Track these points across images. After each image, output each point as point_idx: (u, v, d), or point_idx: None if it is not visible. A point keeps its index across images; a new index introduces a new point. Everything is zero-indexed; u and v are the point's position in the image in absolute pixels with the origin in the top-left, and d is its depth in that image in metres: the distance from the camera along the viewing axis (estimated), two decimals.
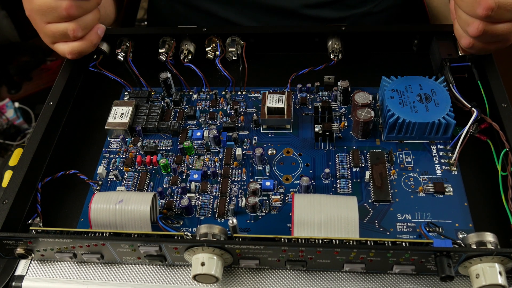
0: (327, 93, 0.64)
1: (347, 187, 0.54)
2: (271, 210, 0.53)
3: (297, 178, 0.55)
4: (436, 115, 0.55)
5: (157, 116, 0.62)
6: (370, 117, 0.56)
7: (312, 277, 0.49)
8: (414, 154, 0.56)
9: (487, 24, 0.52)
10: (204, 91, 0.66)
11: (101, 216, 0.48)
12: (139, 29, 1.00)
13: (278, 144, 0.59)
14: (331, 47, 0.66)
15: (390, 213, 0.52)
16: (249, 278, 0.49)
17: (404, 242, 0.44)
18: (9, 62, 1.84)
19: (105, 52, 0.68)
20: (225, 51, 0.67)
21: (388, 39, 0.67)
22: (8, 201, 0.50)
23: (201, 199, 0.54)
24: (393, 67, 0.67)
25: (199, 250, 0.45)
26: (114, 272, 0.51)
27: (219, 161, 0.58)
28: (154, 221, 0.51)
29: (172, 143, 0.60)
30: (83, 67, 0.68)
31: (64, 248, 0.48)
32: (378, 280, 0.48)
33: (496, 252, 0.42)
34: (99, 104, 0.66)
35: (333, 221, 0.46)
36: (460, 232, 0.49)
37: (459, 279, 0.48)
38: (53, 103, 0.60)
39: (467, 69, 0.61)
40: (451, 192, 0.53)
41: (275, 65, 0.69)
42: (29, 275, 0.51)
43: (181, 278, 0.50)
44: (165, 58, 0.67)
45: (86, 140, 0.62)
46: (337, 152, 0.57)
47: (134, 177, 0.57)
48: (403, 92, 0.57)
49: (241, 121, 0.62)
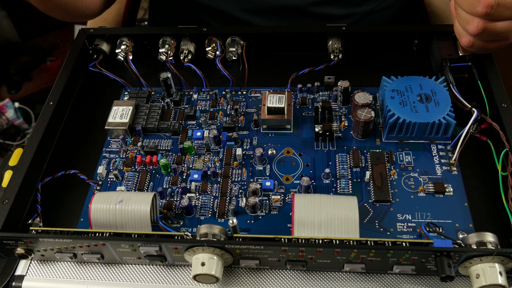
0: (327, 93, 0.64)
1: (347, 187, 0.54)
2: (271, 210, 0.53)
3: (297, 178, 0.55)
4: (436, 115, 0.55)
5: (157, 116, 0.62)
6: (370, 117, 0.56)
7: (312, 277, 0.49)
8: (414, 154, 0.56)
9: (487, 22, 0.52)
10: (204, 91, 0.66)
11: (101, 216, 0.48)
12: (139, 29, 1.00)
13: (278, 144, 0.59)
14: (331, 47, 0.66)
15: (390, 213, 0.52)
16: (249, 278, 0.49)
17: (404, 242, 0.44)
18: (9, 62, 1.84)
19: (105, 52, 0.68)
20: (225, 51, 0.67)
21: (388, 39, 0.67)
22: (8, 201, 0.50)
23: (201, 199, 0.54)
24: (393, 67, 0.67)
25: (199, 250, 0.45)
26: (114, 272, 0.51)
27: (219, 161, 0.58)
28: (154, 221, 0.51)
29: (172, 143, 0.60)
30: (83, 67, 0.68)
31: (64, 248, 0.48)
32: (378, 280, 0.48)
33: (496, 252, 0.42)
34: (99, 104, 0.66)
35: (333, 221, 0.46)
36: (460, 232, 0.49)
37: (459, 279, 0.48)
38: (53, 103, 0.60)
39: (467, 69, 0.61)
40: (451, 192, 0.53)
41: (275, 65, 0.69)
42: (29, 275, 0.51)
43: (181, 278, 0.50)
44: (165, 58, 0.66)
45: (86, 140, 0.62)
46: (337, 152, 0.57)
47: (134, 177, 0.57)
48: (403, 92, 0.57)
49: (241, 121, 0.62)
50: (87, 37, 0.68)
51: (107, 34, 0.69)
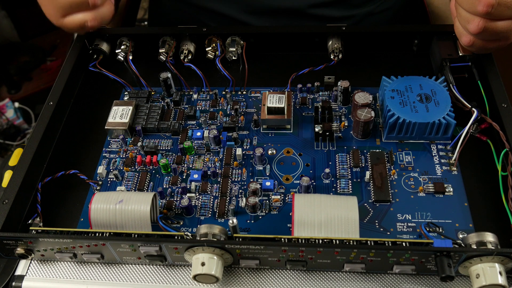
0: (327, 93, 0.64)
1: (347, 187, 0.54)
2: (271, 210, 0.53)
3: (297, 178, 0.55)
4: (436, 115, 0.55)
5: (157, 116, 0.62)
6: (370, 117, 0.56)
7: (312, 277, 0.49)
8: (414, 154, 0.56)
9: (487, 21, 0.52)
10: (204, 91, 0.66)
11: (101, 216, 0.48)
12: (139, 29, 1.00)
13: (278, 144, 0.59)
14: (331, 47, 0.66)
15: (390, 213, 0.52)
16: (249, 278, 0.49)
17: (404, 242, 0.44)
18: (9, 62, 1.84)
19: (105, 52, 0.68)
20: (225, 51, 0.67)
21: (388, 39, 0.67)
22: (8, 201, 0.50)
23: (201, 199, 0.54)
24: (393, 67, 0.67)
25: (199, 250, 0.45)
26: (114, 272, 0.51)
27: (219, 161, 0.58)
28: (154, 221, 0.51)
29: (172, 143, 0.60)
30: (83, 67, 0.68)
31: (64, 248, 0.48)
32: (378, 280, 0.48)
33: (496, 252, 0.42)
34: (99, 104, 0.66)
35: (333, 221, 0.46)
36: (460, 232, 0.49)
37: (459, 279, 0.48)
38: (53, 103, 0.60)
39: (467, 69, 0.61)
40: (451, 192, 0.53)
41: (275, 65, 0.69)
42: (29, 275, 0.51)
43: (181, 278, 0.50)
44: (165, 58, 0.66)
45: (86, 140, 0.62)
46: (337, 152, 0.57)
47: (134, 177, 0.57)
48: (403, 92, 0.57)
49: (241, 121, 0.62)
50: (87, 37, 0.68)
51: (107, 34, 0.69)
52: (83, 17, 0.58)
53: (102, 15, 0.59)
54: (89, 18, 0.58)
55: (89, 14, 0.58)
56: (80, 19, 0.58)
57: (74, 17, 0.58)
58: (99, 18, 0.59)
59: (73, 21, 0.58)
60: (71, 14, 0.58)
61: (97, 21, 0.59)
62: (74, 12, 0.58)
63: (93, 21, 0.58)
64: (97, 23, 0.59)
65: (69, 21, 0.59)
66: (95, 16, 0.58)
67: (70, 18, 0.59)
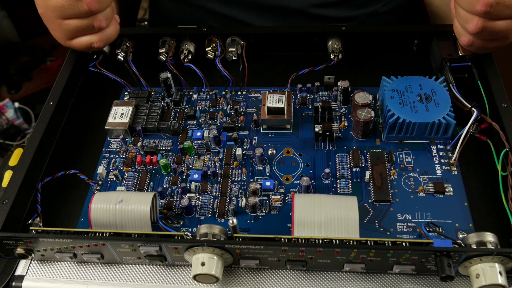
0: (327, 93, 0.64)
1: (347, 187, 0.54)
2: (271, 210, 0.53)
3: (297, 178, 0.55)
4: (436, 115, 0.55)
5: (157, 116, 0.62)
6: (370, 117, 0.56)
7: (312, 277, 0.49)
8: (414, 154, 0.56)
9: (486, 21, 0.52)
10: (204, 91, 0.66)
11: (101, 216, 0.48)
12: (139, 29, 1.00)
13: (278, 144, 0.59)
14: (331, 47, 0.66)
15: (390, 213, 0.52)
16: (249, 278, 0.49)
17: (404, 242, 0.44)
18: (9, 62, 1.84)
19: (105, 52, 0.68)
20: (225, 51, 0.67)
21: (388, 39, 0.67)
22: (8, 201, 0.50)
23: (201, 199, 0.54)
24: (393, 67, 0.67)
25: (199, 250, 0.45)
26: (114, 272, 0.51)
27: (219, 161, 0.58)
28: (154, 221, 0.51)
29: (172, 143, 0.60)
30: (83, 67, 0.68)
31: (64, 248, 0.48)
32: (378, 280, 0.48)
33: (496, 252, 0.42)
34: (99, 104, 0.66)
35: (333, 221, 0.46)
36: (460, 232, 0.50)
37: (459, 279, 0.48)
38: (53, 103, 0.60)
39: (467, 69, 0.61)
40: (451, 192, 0.53)
41: (275, 65, 0.69)
42: (29, 275, 0.51)
43: (181, 278, 0.50)
44: (165, 58, 0.67)
45: (86, 140, 0.62)
46: (337, 152, 0.57)
47: (134, 177, 0.57)
48: (403, 92, 0.57)
49: (241, 121, 0.62)
50: None
51: None
52: (90, 39, 0.60)
53: (108, 36, 0.61)
54: (95, 40, 0.60)
55: (95, 36, 0.60)
56: (87, 41, 0.60)
57: (81, 39, 0.60)
58: (105, 39, 0.61)
59: (80, 43, 0.60)
60: (78, 37, 0.60)
61: (103, 42, 0.61)
62: (81, 35, 0.60)
63: (99, 42, 0.60)
64: (103, 43, 0.61)
65: (76, 43, 0.61)
66: (101, 38, 0.60)
67: (77, 40, 0.60)
